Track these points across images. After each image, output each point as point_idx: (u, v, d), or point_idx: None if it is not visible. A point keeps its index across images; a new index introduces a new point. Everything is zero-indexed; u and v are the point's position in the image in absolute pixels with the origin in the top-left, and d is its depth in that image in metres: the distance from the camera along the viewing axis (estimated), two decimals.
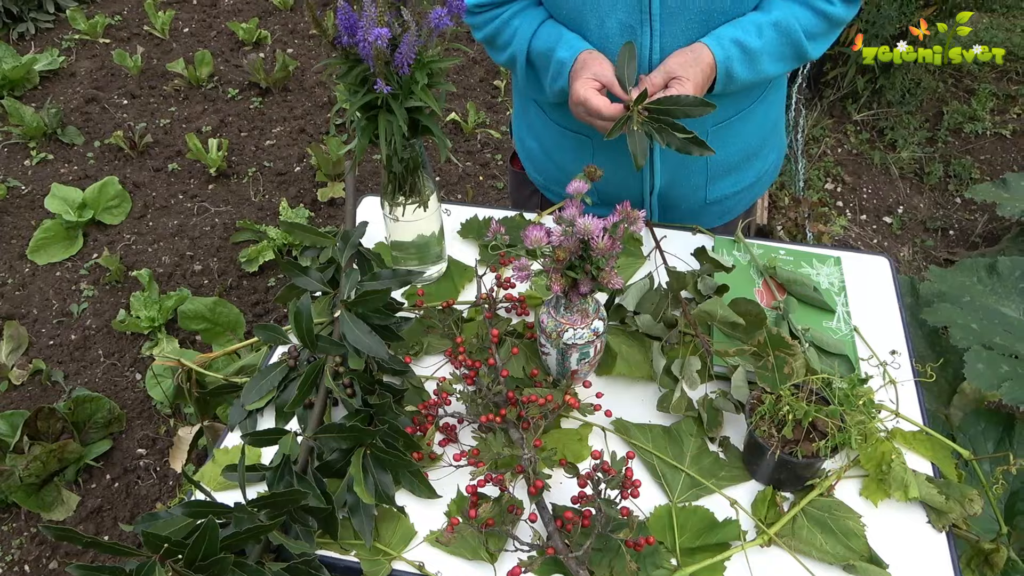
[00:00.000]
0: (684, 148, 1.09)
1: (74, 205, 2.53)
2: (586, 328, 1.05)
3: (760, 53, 1.19)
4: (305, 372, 1.06)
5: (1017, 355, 1.32)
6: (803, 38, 1.20)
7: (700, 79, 1.15)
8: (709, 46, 1.17)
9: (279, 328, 1.13)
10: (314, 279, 1.18)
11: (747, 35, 1.18)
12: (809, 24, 1.21)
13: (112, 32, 3.66)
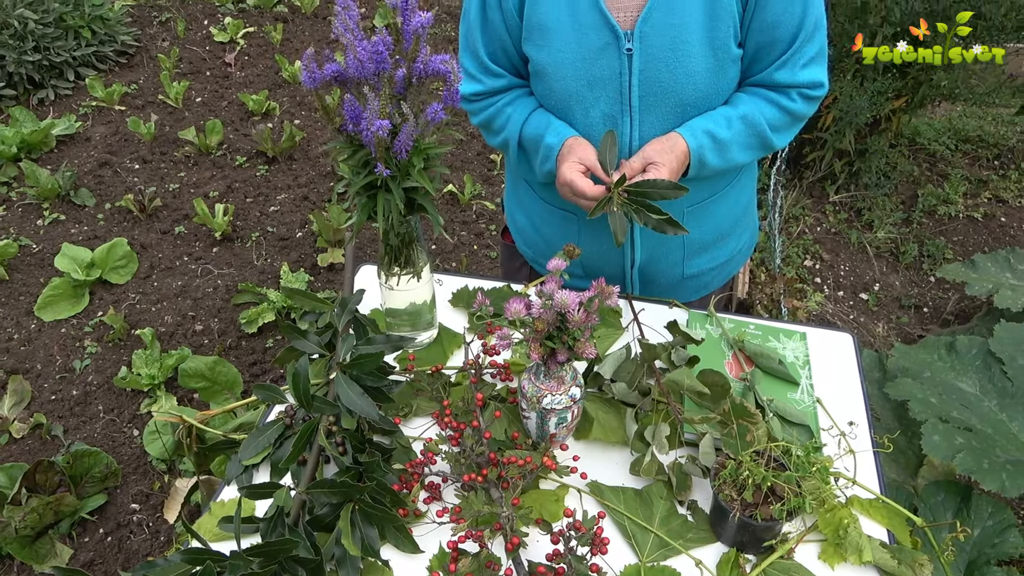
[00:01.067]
0: (659, 228, 1.20)
1: (82, 264, 2.63)
2: (564, 394, 1.13)
3: (729, 143, 1.31)
4: (300, 430, 1.13)
5: (972, 428, 1.40)
6: (768, 130, 1.33)
7: (675, 165, 1.27)
8: (683, 136, 1.29)
9: (277, 388, 1.21)
10: (312, 342, 1.27)
11: (717, 127, 1.30)
12: (773, 118, 1.33)
13: (128, 100, 3.83)
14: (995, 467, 1.32)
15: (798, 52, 1.29)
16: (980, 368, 1.52)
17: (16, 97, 3.84)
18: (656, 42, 1.24)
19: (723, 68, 1.28)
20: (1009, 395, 1.48)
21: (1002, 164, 3.35)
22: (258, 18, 4.61)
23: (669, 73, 1.26)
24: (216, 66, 4.13)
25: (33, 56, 3.81)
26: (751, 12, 1.26)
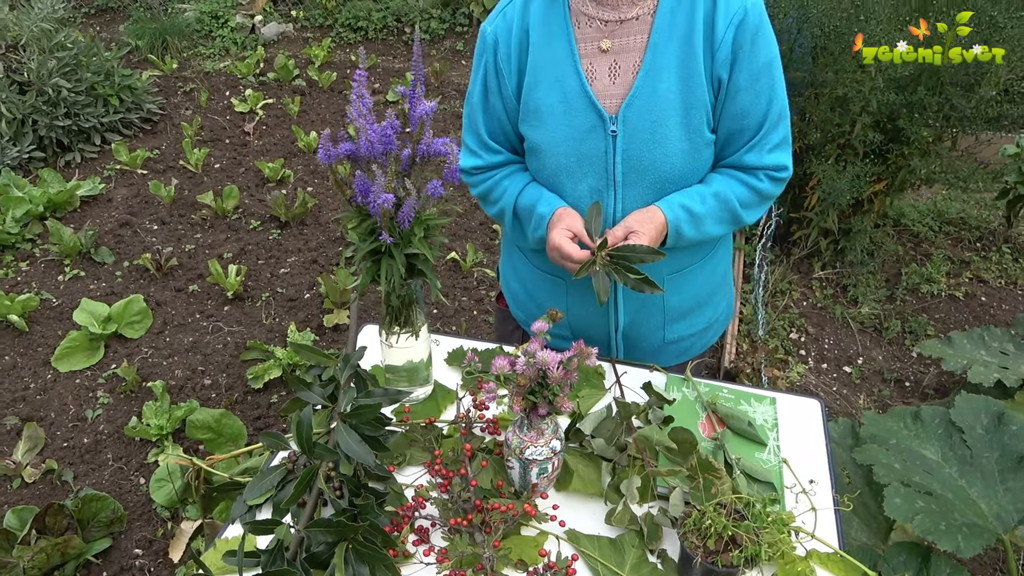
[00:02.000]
0: (638, 287, 1.33)
1: (100, 319, 2.75)
2: (545, 446, 1.23)
3: (704, 217, 1.45)
4: (302, 474, 1.23)
5: (932, 492, 1.48)
6: (738, 207, 1.46)
7: (654, 234, 1.40)
8: (662, 209, 1.42)
9: (281, 436, 1.31)
10: (316, 394, 1.37)
11: (693, 202, 1.44)
12: (743, 196, 1.47)
13: (150, 164, 4.04)
14: (952, 529, 1.40)
15: (764, 139, 1.44)
16: (942, 436, 1.61)
17: (45, 159, 4.04)
18: (638, 126, 1.39)
19: (698, 150, 1.43)
20: (968, 462, 1.56)
21: (984, 246, 3.49)
22: (277, 90, 4.87)
23: (649, 153, 1.40)
24: (235, 135, 4.35)
25: (64, 121, 4.04)
26: (722, 103, 1.41)
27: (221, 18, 5.72)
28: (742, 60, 1.36)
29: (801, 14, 2.56)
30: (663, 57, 1.36)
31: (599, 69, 1.40)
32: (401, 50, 5.56)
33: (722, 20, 1.34)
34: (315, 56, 5.19)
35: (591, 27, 1.40)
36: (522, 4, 1.44)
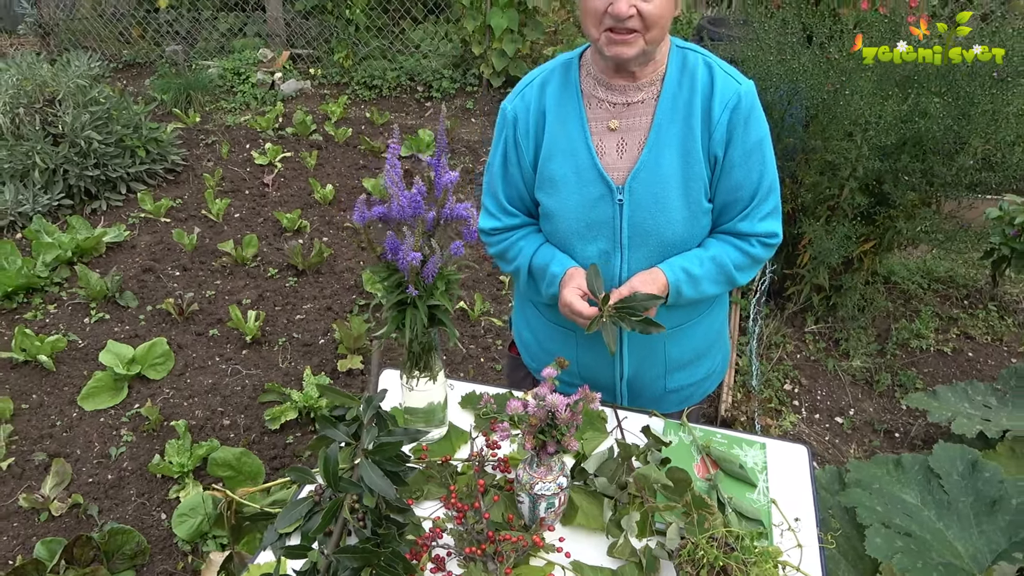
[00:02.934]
0: (643, 330, 1.48)
1: (124, 360, 2.89)
2: (553, 482, 1.36)
3: (701, 278, 1.60)
4: (329, 505, 1.35)
5: (911, 533, 1.59)
6: (733, 270, 1.62)
7: (656, 293, 1.54)
8: (664, 271, 1.58)
9: (307, 470, 1.44)
10: (341, 432, 1.51)
11: (692, 264, 1.59)
12: (737, 260, 1.62)
13: (172, 213, 4.22)
14: (928, 567, 1.50)
15: (756, 208, 1.60)
16: (921, 482, 1.72)
17: (72, 207, 4.23)
18: (642, 196, 1.55)
19: (696, 218, 1.59)
20: (945, 506, 1.67)
21: (971, 303, 3.64)
22: (295, 144, 5.09)
23: (652, 220, 1.56)
24: (255, 186, 4.55)
25: (93, 171, 4.24)
26: (718, 177, 1.58)
27: (243, 75, 5.99)
28: (736, 140, 1.53)
29: (791, 87, 2.76)
30: (665, 136, 1.53)
31: (608, 145, 1.57)
32: (414, 107, 5.81)
33: (718, 104, 1.52)
34: (331, 112, 5.43)
35: (601, 108, 1.57)
36: (539, 86, 1.62)
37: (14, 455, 2.58)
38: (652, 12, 1.40)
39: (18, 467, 2.54)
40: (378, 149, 4.95)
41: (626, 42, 1.44)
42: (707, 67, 1.54)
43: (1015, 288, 3.77)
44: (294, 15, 6.55)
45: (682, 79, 1.54)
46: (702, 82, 1.53)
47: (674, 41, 1.58)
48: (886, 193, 2.91)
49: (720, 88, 1.52)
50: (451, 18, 6.30)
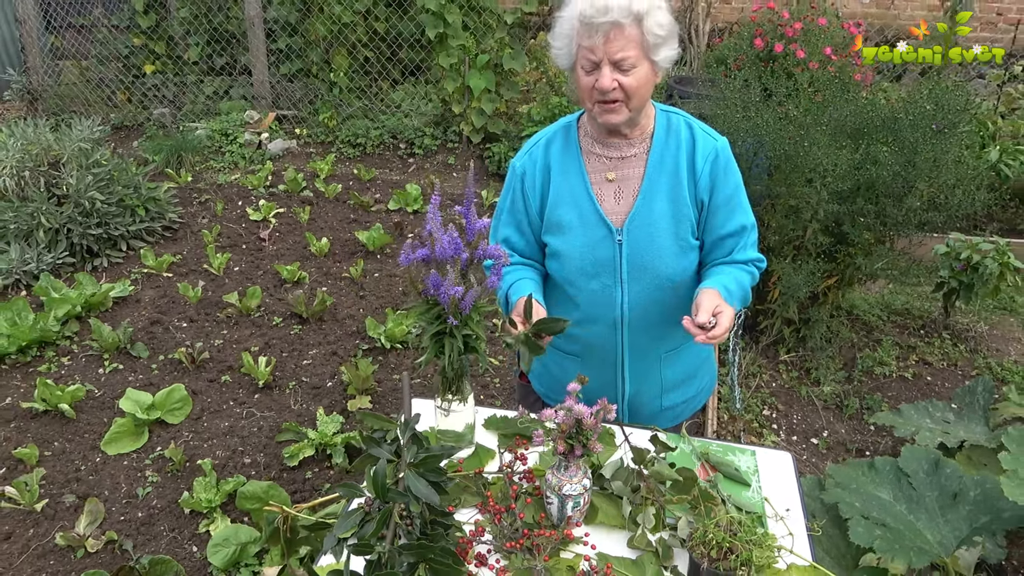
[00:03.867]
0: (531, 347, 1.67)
1: (144, 406, 3.04)
2: (579, 483, 1.57)
3: (735, 294, 1.82)
4: (382, 512, 1.54)
5: (886, 524, 1.83)
6: (748, 287, 1.89)
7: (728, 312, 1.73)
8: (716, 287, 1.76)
9: (356, 485, 1.63)
10: (385, 451, 1.70)
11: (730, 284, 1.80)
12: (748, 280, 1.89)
13: (174, 268, 4.39)
14: (904, 550, 1.73)
15: (746, 241, 1.88)
16: (892, 480, 1.96)
17: (74, 264, 4.38)
18: (638, 236, 1.82)
19: (685, 253, 1.85)
20: (914, 500, 1.91)
21: (927, 333, 3.96)
22: (287, 200, 5.31)
23: (647, 256, 1.82)
24: (251, 240, 4.75)
25: (96, 230, 4.41)
26: (706, 218, 1.85)
27: (231, 135, 6.23)
28: (719, 186, 1.82)
29: (756, 140, 3.08)
30: (656, 184, 1.80)
31: (606, 193, 1.84)
32: (397, 164, 6.09)
33: (700, 157, 1.80)
34: (320, 170, 5.68)
35: (599, 162, 1.84)
36: (544, 145, 1.89)
37: (44, 498, 2.70)
38: (631, 84, 1.69)
39: (51, 509, 2.66)
40: (367, 204, 5.19)
41: (613, 110, 1.73)
42: (688, 127, 1.83)
43: (965, 318, 4.10)
44: (279, 78, 6.84)
45: (668, 137, 1.82)
46: (685, 139, 1.82)
47: (657, 105, 1.87)
48: (845, 233, 3.22)
49: (700, 144, 1.81)
50: (430, 79, 6.65)
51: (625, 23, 1.63)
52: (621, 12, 1.62)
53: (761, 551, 1.48)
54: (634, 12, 1.62)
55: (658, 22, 1.66)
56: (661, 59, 1.71)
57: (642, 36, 1.65)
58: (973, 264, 3.68)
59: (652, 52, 1.68)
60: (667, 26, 1.68)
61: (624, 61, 1.66)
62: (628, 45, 1.65)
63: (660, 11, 1.67)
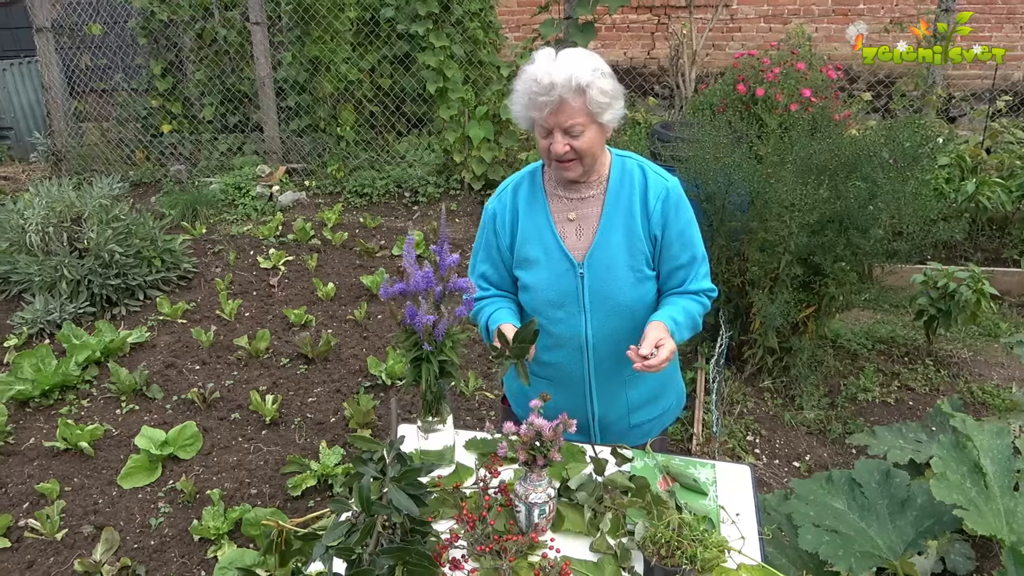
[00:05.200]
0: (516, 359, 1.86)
1: (157, 443, 3.23)
2: (543, 492, 1.74)
3: (683, 326, 2.00)
4: (366, 522, 1.71)
5: (837, 531, 1.96)
6: (697, 317, 2.07)
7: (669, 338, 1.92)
8: (663, 320, 1.96)
9: (345, 500, 1.80)
10: (371, 468, 1.88)
11: (677, 315, 1.99)
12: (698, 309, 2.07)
13: (188, 315, 4.63)
14: (848, 554, 1.86)
15: (697, 272, 2.06)
16: (847, 491, 2.09)
17: (94, 313, 4.62)
18: (597, 268, 2.01)
19: (641, 283, 2.04)
20: (866, 508, 2.04)
21: (910, 360, 4.08)
22: (296, 249, 5.57)
23: (606, 287, 2.01)
24: (261, 287, 4.99)
25: (115, 281, 4.67)
26: (659, 251, 2.04)
27: (243, 189, 6.53)
28: (670, 222, 2.00)
29: (726, 178, 3.28)
30: (612, 222, 2.00)
31: (568, 231, 2.03)
32: (402, 212, 6.35)
33: (652, 196, 1.99)
34: (327, 219, 5.95)
35: (561, 203, 2.04)
36: (512, 190, 2.10)
37: (64, 528, 2.89)
38: (582, 146, 1.88)
39: (70, 538, 2.85)
40: (372, 250, 5.43)
41: (568, 168, 1.94)
42: (640, 169, 2.03)
43: (949, 344, 4.23)
44: (289, 133, 7.18)
45: (623, 179, 2.02)
46: (638, 180, 2.01)
47: (613, 151, 2.06)
48: (817, 264, 3.39)
49: (652, 184, 2.01)
50: (433, 131, 6.96)
51: (569, 98, 1.80)
52: (564, 89, 1.79)
53: (705, 549, 1.63)
54: (575, 87, 1.79)
55: (601, 90, 1.83)
56: (608, 120, 1.90)
57: (586, 106, 1.82)
58: (950, 292, 3.83)
59: (598, 117, 1.86)
60: (610, 91, 1.85)
61: (573, 128, 1.86)
62: (575, 114, 1.83)
63: (603, 79, 1.83)
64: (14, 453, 3.38)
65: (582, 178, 1.99)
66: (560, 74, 1.79)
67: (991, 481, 1.97)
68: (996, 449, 2.04)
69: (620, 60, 9.39)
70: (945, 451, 1.95)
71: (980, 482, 1.96)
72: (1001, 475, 1.99)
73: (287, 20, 6.87)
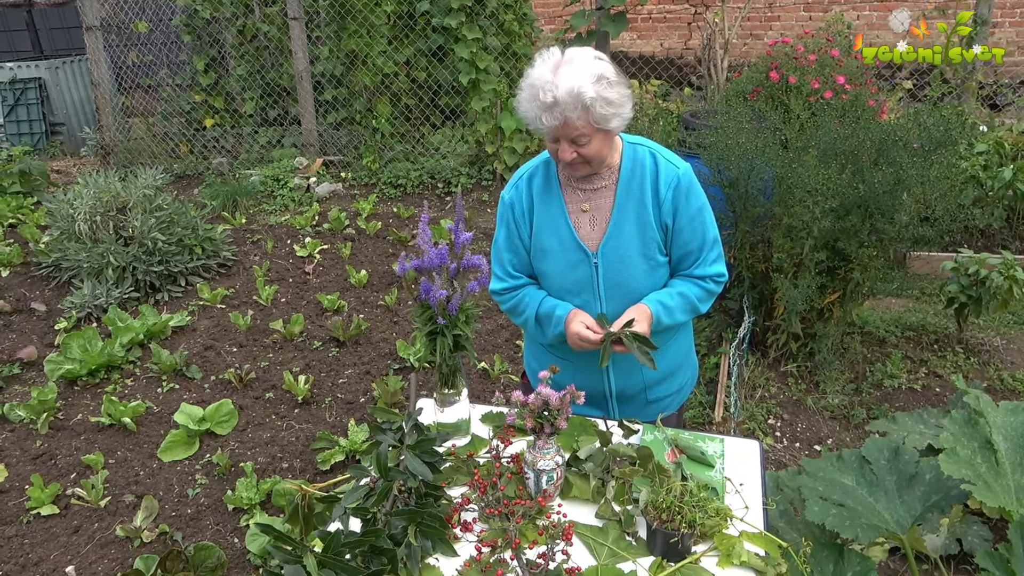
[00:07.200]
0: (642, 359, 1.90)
1: (195, 419, 3.38)
2: (551, 460, 1.80)
3: (674, 309, 2.07)
4: (383, 486, 1.80)
5: (845, 505, 1.99)
6: (695, 301, 2.10)
7: (645, 323, 1.99)
8: (647, 304, 2.03)
9: (364, 467, 1.90)
10: (389, 437, 1.97)
11: (665, 299, 2.06)
12: (697, 294, 2.10)
13: (227, 300, 4.80)
14: (854, 525, 1.89)
15: (705, 258, 2.09)
16: (856, 468, 2.12)
17: (139, 298, 4.82)
18: (611, 258, 2.05)
19: (654, 270, 2.08)
20: (875, 484, 2.06)
21: (940, 347, 4.04)
22: (331, 238, 5.71)
23: (620, 275, 2.06)
24: (297, 275, 5.14)
25: (157, 267, 4.86)
26: (671, 238, 2.07)
27: (282, 180, 6.71)
28: (681, 210, 2.03)
29: (749, 164, 3.30)
30: (625, 212, 2.04)
31: (582, 221, 2.08)
32: (435, 202, 6.46)
33: (663, 185, 2.02)
34: (362, 209, 6.09)
35: (574, 194, 2.08)
36: (527, 180, 2.13)
37: (107, 496, 3.05)
38: (589, 152, 1.91)
39: (112, 506, 3.01)
40: (405, 239, 5.55)
41: (576, 170, 1.98)
42: (652, 156, 2.04)
43: (981, 332, 4.17)
44: (326, 127, 7.35)
45: (634, 168, 2.04)
46: (649, 169, 2.03)
47: (624, 139, 2.08)
48: (841, 249, 3.39)
49: (663, 172, 2.03)
50: (466, 123, 7.05)
51: (572, 116, 1.80)
52: (567, 107, 1.78)
53: (706, 515, 1.69)
54: (578, 105, 1.78)
55: (605, 101, 1.81)
56: (615, 127, 1.88)
57: (591, 121, 1.82)
58: (981, 278, 3.78)
59: (604, 126, 1.85)
60: (616, 100, 1.83)
61: (580, 138, 1.86)
62: (580, 127, 1.83)
63: (608, 89, 1.81)
64: (63, 428, 3.57)
65: (593, 174, 2.03)
66: (562, 90, 1.77)
67: (1002, 458, 1.97)
68: (1009, 426, 2.04)
69: (657, 51, 9.38)
70: (956, 427, 1.96)
71: (991, 458, 1.96)
72: (1013, 452, 1.99)
73: (325, 15, 7.02)
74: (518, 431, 2.05)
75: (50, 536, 2.89)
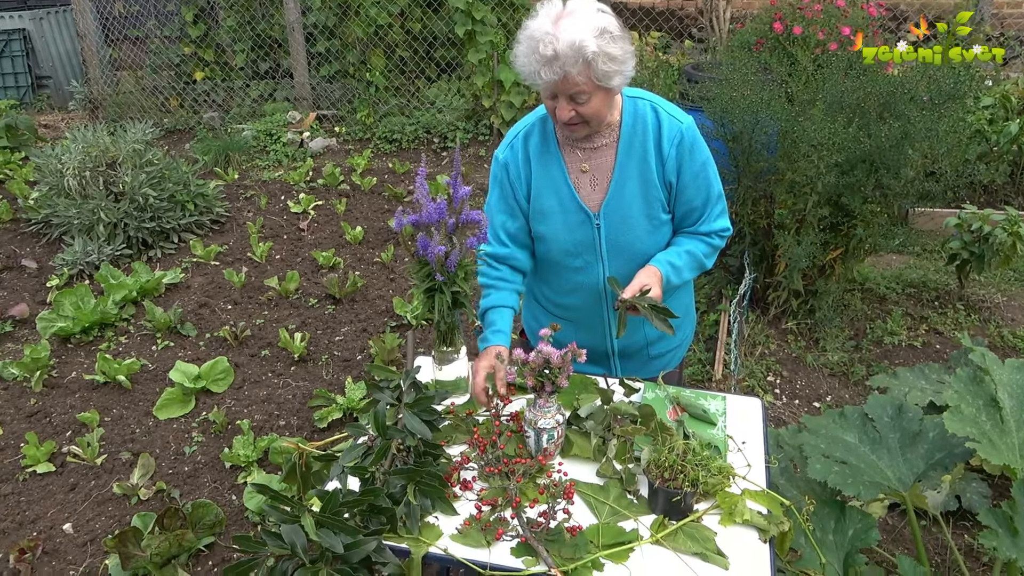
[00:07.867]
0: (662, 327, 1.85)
1: (191, 376, 3.35)
2: (552, 418, 1.77)
3: (682, 268, 2.02)
4: (381, 444, 1.77)
5: (847, 462, 1.97)
6: (702, 257, 2.05)
7: (658, 287, 1.94)
8: (656, 265, 1.98)
9: (362, 425, 1.87)
10: (387, 395, 1.93)
11: (674, 258, 2.01)
12: (703, 250, 2.06)
13: (220, 257, 4.74)
14: (856, 483, 1.87)
15: (710, 213, 2.03)
16: (859, 425, 2.10)
17: (131, 255, 4.76)
18: (613, 218, 1.99)
19: (657, 229, 2.02)
20: (878, 442, 2.04)
21: (940, 304, 4.01)
22: (325, 194, 5.63)
23: (623, 236, 2.00)
24: (291, 231, 5.07)
25: (149, 224, 4.78)
26: (675, 195, 2.01)
27: (274, 135, 6.59)
28: (685, 166, 1.96)
29: (753, 117, 3.22)
30: (626, 171, 1.97)
31: (583, 182, 2.01)
32: (431, 157, 6.36)
33: (666, 141, 1.94)
34: (357, 164, 5.99)
35: (574, 154, 2.00)
36: (523, 138, 2.04)
37: (103, 454, 3.04)
38: (587, 111, 1.80)
39: (109, 464, 3.00)
40: (400, 194, 5.47)
41: (574, 130, 1.89)
42: (654, 111, 1.95)
43: (982, 289, 4.14)
44: (319, 80, 7.19)
45: (635, 124, 1.95)
46: (651, 124, 1.94)
47: (624, 93, 1.97)
48: (845, 205, 3.33)
49: (666, 128, 1.93)
50: (462, 76, 6.90)
51: (573, 71, 1.70)
52: (568, 61, 1.69)
53: (708, 473, 1.67)
54: (580, 60, 1.69)
55: (608, 57, 1.71)
56: (616, 84, 1.78)
57: (592, 77, 1.73)
58: (984, 235, 3.73)
59: (605, 83, 1.76)
60: (619, 56, 1.74)
61: (579, 96, 1.76)
62: (580, 83, 1.73)
63: (611, 43, 1.71)
64: (57, 386, 3.54)
65: (593, 133, 1.95)
66: (563, 43, 1.68)
67: (1007, 415, 1.95)
68: (1015, 384, 2.01)
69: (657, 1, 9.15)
70: (962, 384, 1.93)
71: (996, 416, 1.94)
72: (1018, 409, 1.97)
73: None
74: (518, 389, 2.02)
75: (47, 494, 2.88)
